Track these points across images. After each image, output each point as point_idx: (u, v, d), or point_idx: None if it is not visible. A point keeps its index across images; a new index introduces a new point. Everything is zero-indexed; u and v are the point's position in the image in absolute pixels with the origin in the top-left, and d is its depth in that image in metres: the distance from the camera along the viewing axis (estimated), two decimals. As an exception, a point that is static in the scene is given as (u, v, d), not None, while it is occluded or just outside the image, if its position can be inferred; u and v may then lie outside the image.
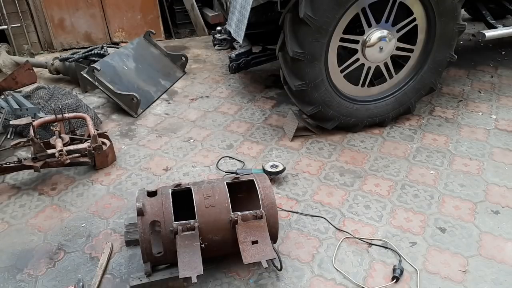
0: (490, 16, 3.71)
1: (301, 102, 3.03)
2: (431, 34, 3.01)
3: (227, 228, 2.00)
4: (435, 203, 2.53)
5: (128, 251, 2.27)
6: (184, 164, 2.97)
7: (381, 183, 2.71)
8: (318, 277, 2.09)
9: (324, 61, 2.85)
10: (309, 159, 2.96)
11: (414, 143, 3.09)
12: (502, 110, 3.45)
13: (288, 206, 2.54)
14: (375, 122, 3.22)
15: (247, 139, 3.22)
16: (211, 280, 2.10)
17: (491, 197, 2.56)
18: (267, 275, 2.12)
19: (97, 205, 2.60)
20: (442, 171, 2.79)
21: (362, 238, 2.30)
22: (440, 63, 3.13)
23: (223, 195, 2.04)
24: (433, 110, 3.48)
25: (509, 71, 4.05)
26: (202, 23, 5.29)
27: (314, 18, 2.63)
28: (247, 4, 2.97)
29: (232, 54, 3.66)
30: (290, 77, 2.92)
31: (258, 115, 3.54)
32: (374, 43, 2.91)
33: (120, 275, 2.14)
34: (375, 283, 2.05)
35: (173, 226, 1.92)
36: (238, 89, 3.98)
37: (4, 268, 2.20)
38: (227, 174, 2.83)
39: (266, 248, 1.95)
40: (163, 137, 3.28)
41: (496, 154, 2.93)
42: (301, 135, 3.19)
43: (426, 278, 2.07)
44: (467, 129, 3.22)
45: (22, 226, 2.47)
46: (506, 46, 4.50)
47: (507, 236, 2.29)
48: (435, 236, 2.30)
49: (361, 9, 2.80)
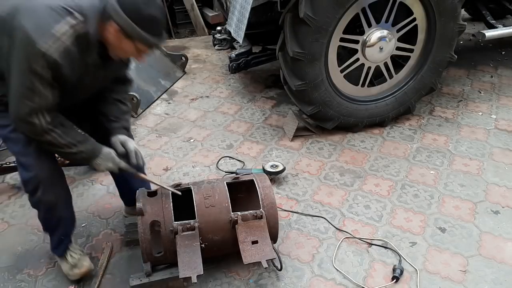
0: (490, 16, 3.70)
1: (301, 102, 3.03)
2: (431, 34, 3.01)
3: (227, 228, 2.00)
4: (435, 203, 2.53)
5: (128, 251, 2.27)
6: (184, 164, 2.97)
7: (381, 183, 2.71)
8: (318, 277, 2.10)
9: (324, 61, 2.85)
10: (309, 159, 2.96)
11: (414, 143, 3.09)
12: (502, 110, 3.45)
13: (288, 206, 2.54)
14: (375, 122, 3.22)
15: (247, 139, 3.22)
16: (211, 280, 2.10)
17: (491, 197, 2.56)
18: (267, 275, 2.12)
19: (97, 205, 2.60)
20: (442, 171, 2.79)
21: (362, 238, 2.30)
22: (440, 63, 3.13)
23: (223, 195, 2.04)
24: (433, 110, 3.49)
25: (509, 71, 4.05)
26: (202, 23, 5.29)
27: (314, 18, 2.63)
28: (247, 4, 2.97)
29: (232, 54, 3.66)
30: (290, 77, 2.92)
31: (258, 115, 3.54)
32: (374, 43, 2.91)
33: (120, 275, 2.14)
34: (375, 283, 2.06)
35: (173, 226, 1.92)
36: (238, 89, 3.98)
37: (4, 268, 2.20)
38: (227, 174, 2.83)
39: (266, 248, 1.95)
40: (163, 137, 3.29)
41: (496, 154, 2.93)
42: (301, 135, 3.19)
43: (426, 278, 2.07)
44: (467, 129, 3.22)
45: (22, 226, 2.47)
46: (506, 46, 4.50)
47: (507, 236, 2.29)
48: (435, 236, 2.30)
49: (361, 9, 2.80)
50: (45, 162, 1.84)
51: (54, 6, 1.57)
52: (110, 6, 1.60)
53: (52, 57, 1.54)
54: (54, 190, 1.89)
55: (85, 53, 1.65)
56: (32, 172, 1.80)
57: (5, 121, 1.78)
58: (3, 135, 1.85)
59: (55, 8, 1.56)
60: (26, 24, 1.52)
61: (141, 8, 1.61)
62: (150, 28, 1.64)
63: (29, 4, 1.58)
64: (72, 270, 2.06)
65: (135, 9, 1.60)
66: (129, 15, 1.59)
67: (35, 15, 1.55)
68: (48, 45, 1.52)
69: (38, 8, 1.56)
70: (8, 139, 1.85)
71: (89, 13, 1.62)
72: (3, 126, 1.81)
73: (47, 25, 1.54)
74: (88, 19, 1.62)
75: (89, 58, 1.68)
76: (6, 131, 1.81)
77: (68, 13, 1.58)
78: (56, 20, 1.55)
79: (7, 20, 1.58)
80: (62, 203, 1.96)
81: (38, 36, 1.51)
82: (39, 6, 1.57)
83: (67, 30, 1.56)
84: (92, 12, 1.62)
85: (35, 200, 1.87)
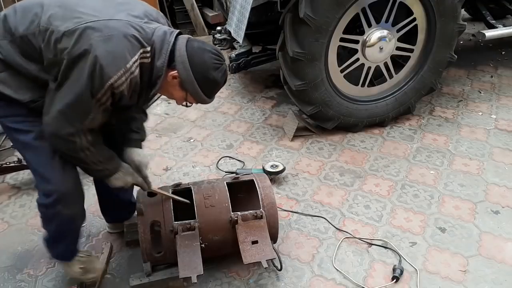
0: (490, 16, 3.70)
1: (301, 102, 3.03)
2: (431, 34, 3.01)
3: (227, 228, 2.00)
4: (435, 203, 2.53)
5: (128, 251, 2.27)
6: (184, 164, 2.97)
7: (381, 183, 2.71)
8: (318, 277, 2.10)
9: (324, 61, 2.85)
10: (309, 159, 2.96)
11: (414, 143, 3.09)
12: (502, 110, 3.45)
13: (288, 206, 2.54)
14: (375, 122, 3.22)
15: (247, 139, 3.22)
16: (211, 280, 2.10)
17: (491, 197, 2.56)
18: (267, 275, 2.12)
19: (97, 205, 2.59)
20: (442, 171, 2.79)
21: (362, 238, 2.30)
22: (440, 63, 3.13)
23: (223, 195, 2.04)
24: (433, 110, 3.48)
25: (509, 71, 4.05)
26: (202, 23, 5.29)
27: (314, 18, 2.63)
28: (247, 4, 2.97)
29: (232, 54, 3.65)
30: (290, 77, 2.92)
31: (258, 115, 3.54)
32: (374, 43, 2.91)
33: (120, 275, 2.14)
34: (375, 283, 2.05)
35: (173, 226, 1.92)
36: (238, 89, 3.98)
37: (4, 268, 2.20)
38: (227, 174, 2.83)
39: (266, 248, 1.95)
40: (163, 137, 3.28)
41: (496, 154, 2.93)
42: (301, 135, 3.19)
43: (426, 278, 2.07)
44: (467, 129, 3.22)
45: (22, 226, 2.47)
46: (506, 46, 4.50)
47: (507, 236, 2.29)
48: (435, 236, 2.30)
49: (361, 9, 2.80)
50: (70, 176, 1.75)
51: (128, 35, 1.49)
52: (179, 56, 1.57)
53: (120, 89, 1.50)
54: (76, 205, 1.82)
55: (144, 82, 1.60)
56: (54, 185, 1.70)
57: (27, 126, 1.67)
58: (24, 142, 1.70)
59: (130, 38, 1.49)
60: (100, 51, 1.44)
61: (209, 72, 1.60)
62: (209, 91, 1.64)
63: (104, 26, 1.48)
64: (86, 275, 2.02)
65: (203, 71, 1.59)
66: (196, 74, 1.57)
67: (110, 43, 1.46)
68: (118, 77, 1.47)
69: (115, 35, 1.47)
70: (29, 147, 1.70)
71: (158, 46, 1.57)
72: (24, 131, 1.67)
73: (121, 58, 1.47)
74: (156, 53, 1.57)
75: (144, 86, 1.63)
76: (28, 138, 1.67)
77: (141, 45, 1.52)
78: (130, 53, 1.49)
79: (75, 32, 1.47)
80: (80, 218, 1.90)
81: (111, 68, 1.45)
82: (115, 32, 1.48)
83: (137, 61, 1.51)
84: (162, 48, 1.57)
85: (52, 212, 1.77)
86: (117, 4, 1.60)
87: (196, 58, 1.59)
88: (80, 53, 1.45)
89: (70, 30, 1.47)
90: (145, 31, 1.55)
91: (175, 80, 1.62)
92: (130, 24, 1.52)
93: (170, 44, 1.58)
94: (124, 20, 1.52)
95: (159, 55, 1.58)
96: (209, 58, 1.61)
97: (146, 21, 1.59)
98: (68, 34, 1.47)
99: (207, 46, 1.65)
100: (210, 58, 1.61)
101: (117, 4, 1.60)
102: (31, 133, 1.67)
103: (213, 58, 1.62)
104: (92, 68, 1.44)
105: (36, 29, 1.53)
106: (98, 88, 1.47)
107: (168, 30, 1.61)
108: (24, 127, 1.67)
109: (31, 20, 1.54)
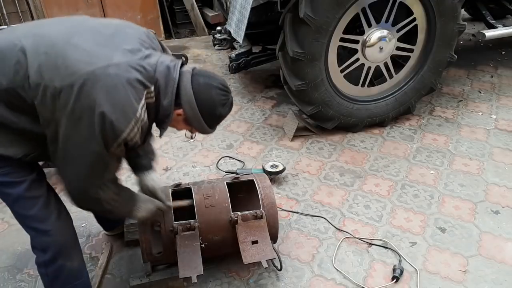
0: (490, 16, 3.71)
1: (301, 102, 3.03)
2: (431, 34, 3.01)
3: (227, 228, 2.00)
4: (435, 203, 2.53)
5: (128, 251, 2.27)
6: (184, 164, 2.97)
7: (381, 183, 2.71)
8: (318, 277, 2.10)
9: (324, 61, 2.85)
10: (309, 159, 2.96)
11: (414, 143, 3.09)
12: (502, 110, 3.45)
13: (288, 206, 2.54)
14: (375, 122, 3.22)
15: (247, 139, 3.22)
16: (211, 280, 2.10)
17: (491, 197, 2.56)
18: (267, 275, 2.12)
19: (97, 205, 2.60)
20: (442, 171, 2.79)
21: (362, 238, 2.30)
22: (440, 63, 3.13)
23: (223, 195, 2.04)
24: (433, 110, 3.48)
25: (509, 71, 4.05)
26: (202, 23, 5.29)
27: (314, 18, 2.63)
28: (247, 4, 2.97)
29: (232, 54, 3.65)
30: (290, 77, 2.92)
31: (258, 115, 3.54)
32: (374, 43, 2.91)
33: (120, 275, 2.14)
34: (375, 283, 2.06)
35: (173, 226, 1.92)
36: (238, 89, 3.98)
37: (4, 268, 2.21)
38: (227, 174, 2.83)
39: (266, 248, 1.95)
40: (163, 137, 3.28)
41: (496, 154, 2.93)
42: (301, 135, 3.19)
43: (426, 278, 2.07)
44: (467, 129, 3.22)
45: (22, 226, 2.47)
46: (506, 46, 4.50)
47: (507, 236, 2.29)
48: (435, 236, 2.30)
49: (361, 9, 2.80)
50: (66, 223, 1.67)
51: (131, 80, 1.36)
52: (185, 95, 1.51)
53: (134, 140, 1.42)
54: (76, 252, 1.75)
55: (151, 121, 1.53)
56: (52, 236, 1.59)
57: (17, 177, 1.52)
58: (14, 195, 1.54)
59: (133, 82, 1.36)
60: (106, 106, 1.31)
61: (217, 109, 1.56)
62: (213, 124, 1.61)
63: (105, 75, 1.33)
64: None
65: (210, 109, 1.55)
66: (202, 112, 1.53)
67: (115, 94, 1.33)
68: (130, 129, 1.37)
69: (117, 84, 1.33)
70: (20, 200, 1.55)
71: (162, 84, 1.47)
72: (14, 183, 1.52)
73: (129, 108, 1.36)
74: (161, 91, 1.48)
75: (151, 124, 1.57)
76: (20, 190, 1.52)
77: (145, 87, 1.41)
78: (136, 99, 1.37)
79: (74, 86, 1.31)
80: (83, 267, 1.81)
81: (121, 121, 1.34)
82: (117, 81, 1.34)
83: (144, 106, 1.41)
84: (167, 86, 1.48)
85: (55, 267, 1.66)
86: (109, 37, 1.43)
87: (203, 96, 1.53)
88: (84, 111, 1.32)
89: (67, 85, 1.31)
90: (147, 69, 1.42)
91: (180, 116, 1.57)
92: (130, 65, 1.37)
93: (176, 82, 1.49)
94: (123, 62, 1.37)
95: (165, 94, 1.49)
96: (216, 94, 1.55)
97: (144, 55, 1.44)
98: (66, 90, 1.32)
99: (213, 81, 1.58)
100: (217, 94, 1.55)
101: (109, 37, 1.43)
102: (23, 183, 1.53)
103: (220, 94, 1.56)
104: (101, 126, 1.32)
105: (24, 82, 1.35)
106: (112, 143, 1.37)
107: (170, 64, 1.50)
108: (13, 178, 1.52)
109: (15, 70, 1.35)
